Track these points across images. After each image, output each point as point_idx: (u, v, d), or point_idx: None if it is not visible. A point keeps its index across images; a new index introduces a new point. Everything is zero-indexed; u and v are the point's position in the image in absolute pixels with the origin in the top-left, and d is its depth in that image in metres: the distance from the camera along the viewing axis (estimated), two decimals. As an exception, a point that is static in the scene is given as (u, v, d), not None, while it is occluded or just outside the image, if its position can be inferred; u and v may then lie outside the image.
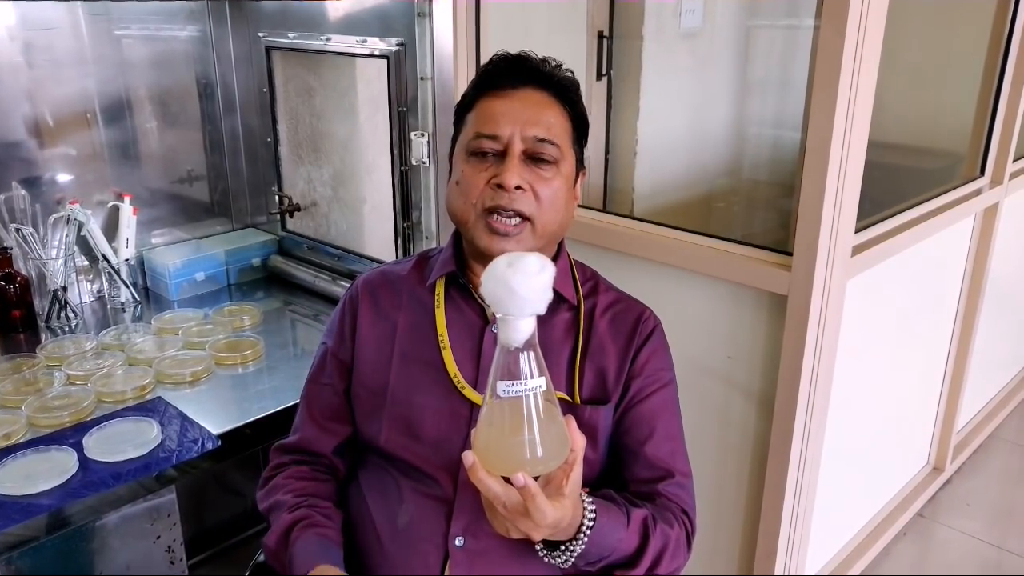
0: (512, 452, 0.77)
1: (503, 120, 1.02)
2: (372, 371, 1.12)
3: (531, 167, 1.02)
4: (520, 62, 1.06)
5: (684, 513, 1.05)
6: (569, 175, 1.06)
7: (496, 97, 1.04)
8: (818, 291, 1.44)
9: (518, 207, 1.01)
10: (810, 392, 1.52)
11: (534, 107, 1.03)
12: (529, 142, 1.01)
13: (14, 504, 1.11)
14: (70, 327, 1.74)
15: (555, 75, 1.06)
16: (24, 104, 1.73)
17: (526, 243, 1.03)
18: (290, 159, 2.00)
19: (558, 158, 1.03)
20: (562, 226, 1.07)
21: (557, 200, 1.03)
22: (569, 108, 1.06)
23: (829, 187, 1.38)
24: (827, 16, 1.31)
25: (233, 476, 2.18)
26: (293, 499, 1.08)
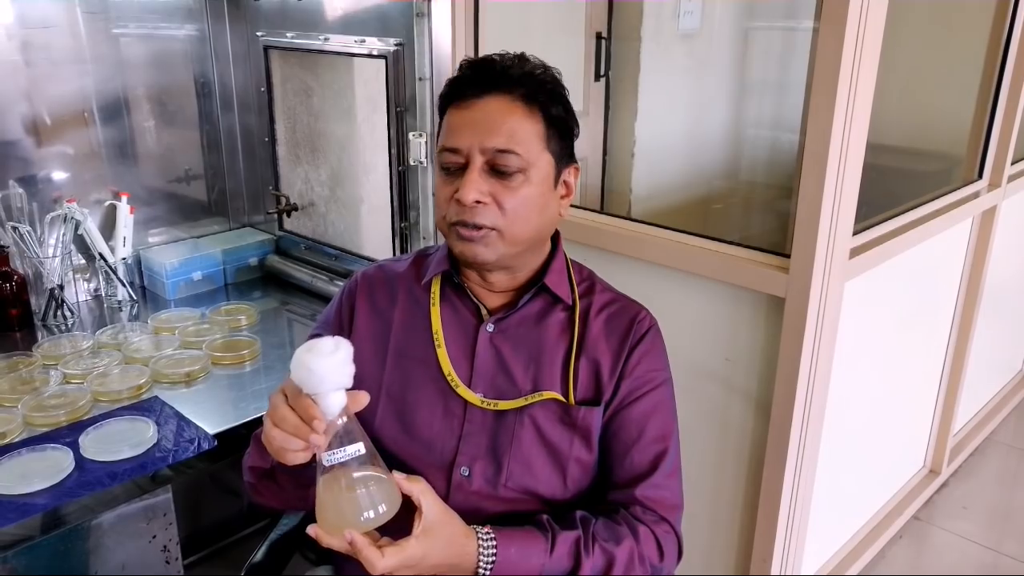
0: (341, 513, 0.88)
1: (463, 133, 1.00)
2: (367, 367, 1.11)
3: (495, 178, 1.00)
4: (482, 70, 1.02)
5: (662, 519, 1.04)
6: (544, 179, 1.02)
7: (459, 108, 1.02)
8: (816, 294, 1.44)
9: (479, 221, 1.00)
10: (807, 394, 1.52)
11: (494, 116, 1.00)
12: (489, 154, 0.99)
13: (10, 503, 1.11)
14: (67, 326, 1.73)
15: (519, 77, 1.02)
16: (21, 102, 1.72)
17: (495, 248, 1.02)
18: (288, 159, 1.99)
19: (523, 167, 0.99)
20: (541, 230, 1.05)
21: (526, 208, 1.01)
22: (541, 109, 1.02)
23: (827, 189, 1.38)
24: (826, 18, 1.31)
25: (229, 476, 2.17)
26: None
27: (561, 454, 1.06)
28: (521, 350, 1.08)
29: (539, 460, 1.05)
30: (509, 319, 1.09)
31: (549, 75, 1.04)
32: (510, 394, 1.07)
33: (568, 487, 1.06)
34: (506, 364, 1.08)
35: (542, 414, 1.06)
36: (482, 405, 1.06)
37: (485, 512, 1.05)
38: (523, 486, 1.05)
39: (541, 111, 1.01)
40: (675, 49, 2.29)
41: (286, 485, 1.05)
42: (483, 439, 1.06)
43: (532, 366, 1.07)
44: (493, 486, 1.05)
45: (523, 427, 1.05)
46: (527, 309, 1.09)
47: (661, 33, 2.21)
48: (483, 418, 1.06)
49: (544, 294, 1.10)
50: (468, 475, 1.05)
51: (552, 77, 1.05)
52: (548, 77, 1.04)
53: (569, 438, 1.06)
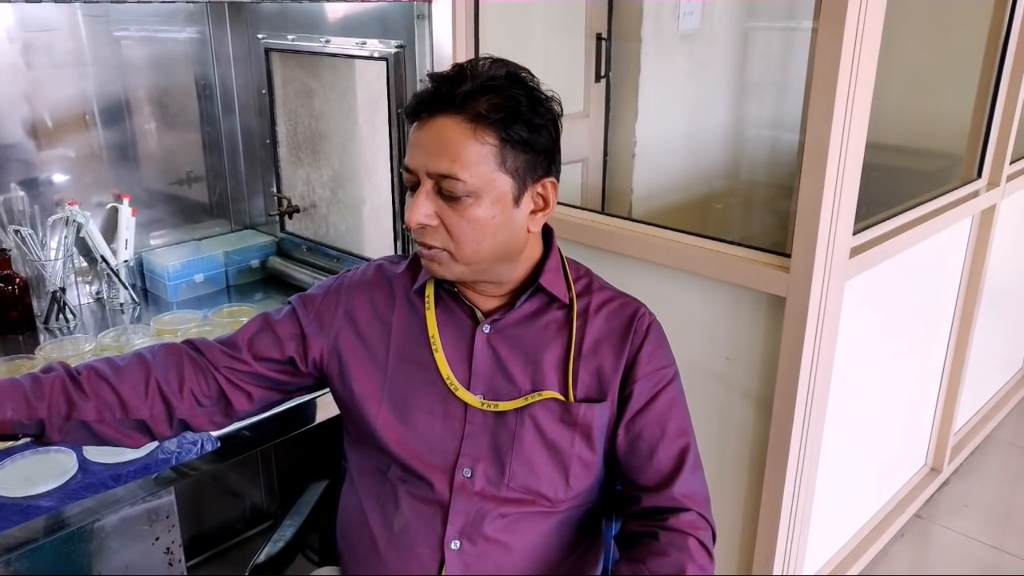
0: None
1: (415, 153, 1.00)
2: (368, 371, 1.12)
3: (444, 200, 0.99)
4: (438, 89, 0.99)
5: (700, 516, 1.04)
6: (499, 199, 0.99)
7: (416, 127, 1.01)
8: (816, 293, 1.44)
9: (428, 241, 1.01)
10: (808, 393, 1.52)
11: (441, 139, 0.97)
12: (435, 177, 0.98)
13: (13, 505, 1.11)
14: (69, 328, 1.74)
15: (475, 98, 0.97)
16: (23, 105, 1.73)
17: (450, 268, 1.02)
18: (289, 160, 2.00)
19: (469, 191, 0.97)
20: (502, 247, 1.03)
21: (475, 230, 0.99)
22: (496, 131, 0.97)
23: (827, 189, 1.38)
24: (825, 18, 1.32)
25: (232, 478, 2.18)
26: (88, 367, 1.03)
27: (562, 453, 1.06)
28: (518, 350, 1.08)
29: (541, 459, 1.06)
30: (505, 319, 1.09)
31: (511, 93, 0.99)
32: (509, 395, 1.07)
33: (571, 486, 1.07)
34: (504, 365, 1.08)
35: (542, 414, 1.06)
36: (482, 407, 1.06)
37: (488, 513, 1.05)
38: (526, 486, 1.06)
39: (496, 132, 0.97)
40: (675, 50, 2.29)
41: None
42: (484, 440, 1.06)
43: (530, 366, 1.08)
44: (496, 487, 1.05)
45: (524, 427, 1.05)
46: (523, 309, 1.09)
47: (661, 34, 2.22)
48: (483, 419, 1.07)
49: (540, 294, 1.09)
50: (471, 476, 1.06)
51: (512, 96, 0.98)
52: (508, 95, 0.98)
53: (570, 436, 1.06)
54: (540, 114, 1.01)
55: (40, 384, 0.98)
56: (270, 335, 1.12)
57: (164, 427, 1.06)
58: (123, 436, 1.05)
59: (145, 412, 1.04)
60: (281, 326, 1.13)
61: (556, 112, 1.05)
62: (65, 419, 0.99)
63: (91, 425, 1.01)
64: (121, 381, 1.03)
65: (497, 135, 0.97)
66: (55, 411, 0.98)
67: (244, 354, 1.11)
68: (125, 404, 1.02)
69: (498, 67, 1.02)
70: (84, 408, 1.00)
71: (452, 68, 1.02)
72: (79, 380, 1.01)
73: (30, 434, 0.99)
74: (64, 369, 1.02)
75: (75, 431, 1.01)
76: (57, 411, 0.98)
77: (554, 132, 1.03)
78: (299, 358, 1.12)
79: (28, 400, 0.97)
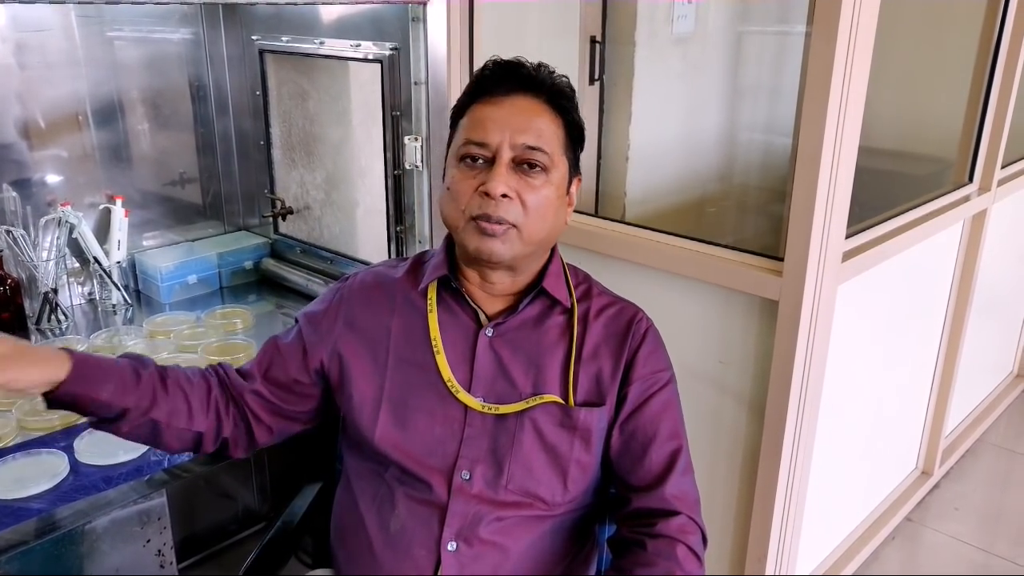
0: None
1: (492, 127, 1.02)
2: (368, 374, 1.12)
3: (520, 175, 1.02)
4: (512, 69, 1.05)
5: (690, 519, 1.04)
6: (560, 183, 1.06)
7: (487, 104, 1.04)
8: (809, 296, 1.45)
9: (504, 214, 1.01)
10: (801, 396, 1.53)
11: (524, 114, 1.03)
12: (518, 149, 1.02)
13: (4, 508, 1.11)
14: (61, 329, 1.73)
15: (548, 81, 1.06)
16: (15, 106, 1.72)
17: (513, 246, 1.03)
18: (283, 162, 1.99)
19: (548, 165, 1.03)
20: (551, 233, 1.08)
21: (545, 208, 1.03)
22: (562, 115, 1.06)
23: (820, 193, 1.39)
24: (818, 23, 1.32)
25: (223, 480, 2.17)
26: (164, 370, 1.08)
27: (561, 456, 1.06)
28: (520, 354, 1.09)
29: (539, 463, 1.06)
30: (508, 323, 1.10)
31: (568, 84, 1.08)
32: (510, 398, 1.07)
33: (568, 489, 1.07)
34: (506, 368, 1.08)
35: (542, 417, 1.06)
36: (482, 409, 1.07)
37: (485, 515, 1.05)
38: (524, 489, 1.06)
39: (563, 117, 1.05)
40: (669, 53, 2.30)
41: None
42: (483, 443, 1.06)
43: (532, 369, 1.08)
44: (494, 489, 1.05)
45: (523, 430, 1.06)
46: (526, 312, 1.10)
47: (655, 37, 2.22)
48: (483, 422, 1.07)
49: (542, 297, 1.10)
50: (469, 479, 1.06)
51: (570, 86, 1.08)
52: (567, 86, 1.08)
53: (569, 440, 1.06)
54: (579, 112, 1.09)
55: (139, 377, 1.02)
56: (279, 359, 1.14)
57: (212, 443, 1.10)
58: (176, 442, 1.07)
59: (203, 425, 1.08)
60: (287, 347, 1.15)
61: None
62: (143, 414, 1.02)
63: (159, 425, 1.04)
64: (193, 391, 1.07)
65: (562, 119, 1.06)
66: (141, 405, 1.01)
67: (259, 383, 1.13)
68: (192, 414, 1.06)
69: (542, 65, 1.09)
70: (161, 408, 1.03)
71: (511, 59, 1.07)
72: (166, 381, 1.05)
73: (105, 418, 1.01)
74: (155, 367, 1.06)
75: (143, 427, 1.03)
76: (141, 405, 1.01)
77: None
78: (304, 373, 1.13)
79: (127, 388, 1.00)
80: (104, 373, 0.99)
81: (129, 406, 1.00)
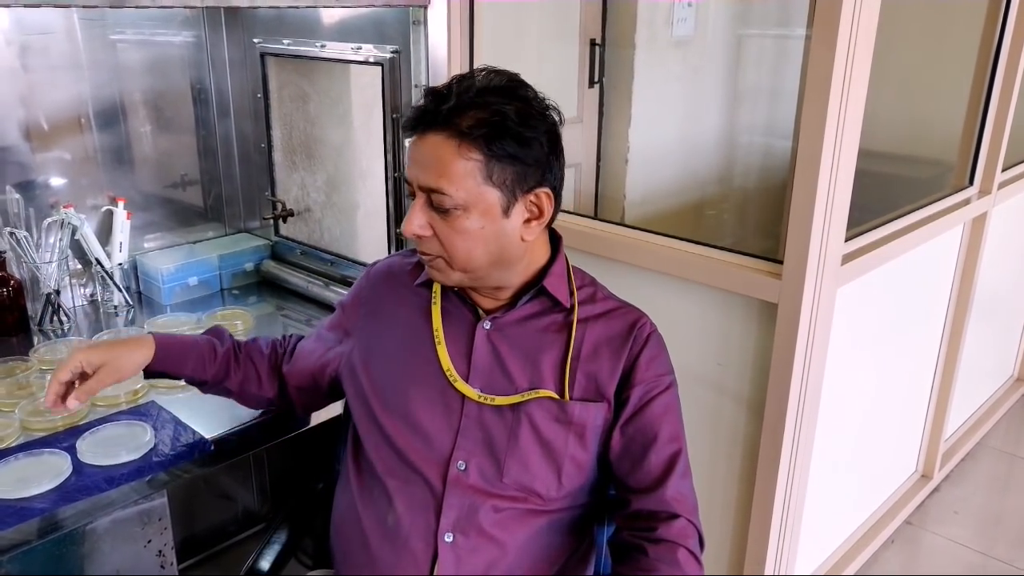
0: None
1: (411, 166, 1.04)
2: (375, 360, 1.16)
3: (436, 211, 1.03)
4: (427, 104, 1.02)
5: (689, 522, 1.05)
6: (487, 211, 1.01)
7: (413, 141, 1.05)
8: (808, 299, 1.45)
9: (424, 249, 1.06)
10: (800, 399, 1.53)
11: (430, 155, 1.01)
12: (426, 190, 1.02)
13: (7, 507, 1.11)
14: (63, 331, 1.74)
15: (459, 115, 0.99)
16: (19, 108, 1.73)
17: (448, 275, 1.07)
18: (284, 164, 2.00)
19: (457, 204, 1.00)
20: (496, 255, 1.05)
21: (465, 240, 1.02)
22: (480, 147, 0.99)
23: (820, 196, 1.39)
24: (818, 26, 1.33)
25: (224, 480, 2.17)
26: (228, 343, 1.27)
27: (556, 451, 1.07)
28: (517, 349, 1.10)
29: (535, 457, 1.07)
30: (506, 317, 1.12)
31: (497, 108, 1.00)
32: (507, 390, 1.09)
33: (563, 484, 1.08)
34: (503, 361, 1.10)
35: (538, 412, 1.07)
36: (479, 399, 1.08)
37: (481, 506, 1.06)
38: (519, 482, 1.07)
39: (480, 148, 0.99)
40: (669, 56, 2.31)
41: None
42: (479, 434, 1.08)
43: (528, 365, 1.10)
44: (490, 482, 1.07)
45: (520, 424, 1.07)
46: (524, 309, 1.12)
47: (655, 40, 2.23)
48: (479, 413, 1.08)
49: (543, 296, 1.12)
50: (465, 469, 1.07)
51: (499, 111, 1.00)
52: (494, 110, 1.00)
53: (564, 435, 1.07)
54: (532, 126, 1.02)
55: (215, 351, 1.24)
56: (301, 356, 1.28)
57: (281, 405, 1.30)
58: (252, 403, 1.30)
59: (271, 391, 1.28)
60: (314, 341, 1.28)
61: (553, 122, 1.06)
62: (219, 383, 1.25)
63: (233, 392, 1.27)
64: (262, 363, 1.28)
65: (481, 151, 1.00)
66: (217, 376, 1.24)
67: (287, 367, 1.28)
68: (261, 383, 1.27)
69: (493, 79, 1.04)
70: (234, 379, 1.25)
71: (446, 83, 1.04)
72: (239, 356, 1.26)
73: (191, 383, 1.25)
74: (232, 342, 1.27)
75: (221, 392, 1.27)
76: (217, 377, 1.24)
77: (548, 143, 1.04)
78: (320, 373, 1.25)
79: (205, 363, 1.23)
80: (184, 352, 1.21)
81: (207, 379, 1.23)
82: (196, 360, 1.21)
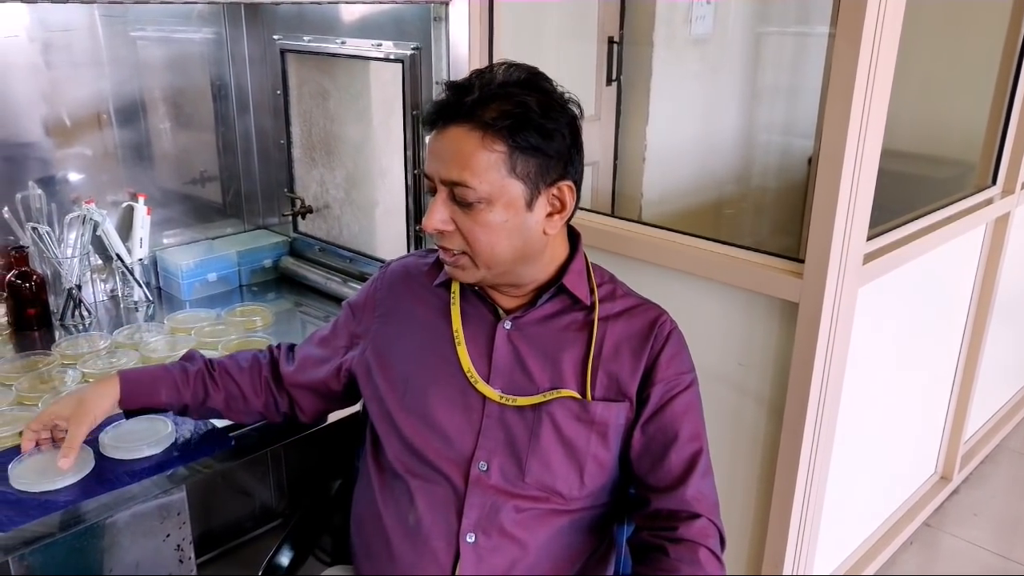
0: None
1: (432, 160, 1.03)
2: (394, 363, 1.15)
3: (458, 205, 1.02)
4: (447, 98, 1.02)
5: (710, 522, 1.04)
6: (510, 203, 1.01)
7: (432, 135, 1.04)
8: (829, 298, 1.44)
9: (446, 245, 1.05)
10: (820, 399, 1.52)
11: (453, 147, 1.00)
12: (448, 184, 1.01)
13: (32, 500, 1.12)
14: (84, 326, 1.75)
15: (483, 107, 0.99)
16: (42, 105, 1.74)
17: (471, 271, 1.06)
18: (303, 161, 2.01)
19: (480, 197, 1.00)
20: (519, 250, 1.04)
21: (488, 234, 1.02)
22: (504, 138, 0.99)
23: (842, 195, 1.38)
24: (842, 24, 1.32)
25: (241, 476, 2.18)
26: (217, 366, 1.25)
27: (578, 451, 1.07)
28: (538, 348, 1.10)
29: (557, 457, 1.07)
30: (526, 317, 1.11)
31: (520, 99, 1.00)
32: (528, 391, 1.08)
33: (585, 484, 1.08)
34: (523, 361, 1.09)
35: (560, 412, 1.07)
36: (500, 400, 1.08)
37: (503, 506, 1.06)
38: (541, 482, 1.06)
39: (504, 139, 0.99)
40: (687, 54, 2.30)
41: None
42: (500, 434, 1.07)
43: (549, 364, 1.09)
44: (512, 483, 1.06)
45: (541, 424, 1.06)
46: (545, 308, 1.11)
47: (673, 38, 2.22)
48: (501, 413, 1.08)
49: (563, 295, 1.11)
50: (486, 470, 1.07)
51: (522, 102, 0.99)
52: (517, 102, 0.99)
53: (586, 435, 1.07)
54: (553, 118, 1.02)
55: (187, 374, 1.21)
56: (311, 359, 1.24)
57: (275, 417, 1.27)
58: (245, 418, 1.27)
59: (259, 405, 1.25)
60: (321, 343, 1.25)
61: (573, 115, 1.05)
62: (201, 404, 1.21)
63: (220, 410, 1.24)
64: (243, 377, 1.24)
65: (505, 142, 0.99)
66: (196, 398, 1.21)
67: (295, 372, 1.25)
68: (246, 398, 1.24)
69: (513, 72, 1.03)
70: (215, 398, 1.22)
71: (466, 76, 1.04)
72: (214, 374, 1.23)
73: (175, 412, 1.23)
74: (203, 362, 1.24)
75: (208, 413, 1.24)
76: (196, 398, 1.21)
77: (569, 135, 1.04)
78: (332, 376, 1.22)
79: (178, 387, 1.20)
80: (154, 381, 1.19)
81: (186, 402, 1.20)
82: (168, 386, 1.19)
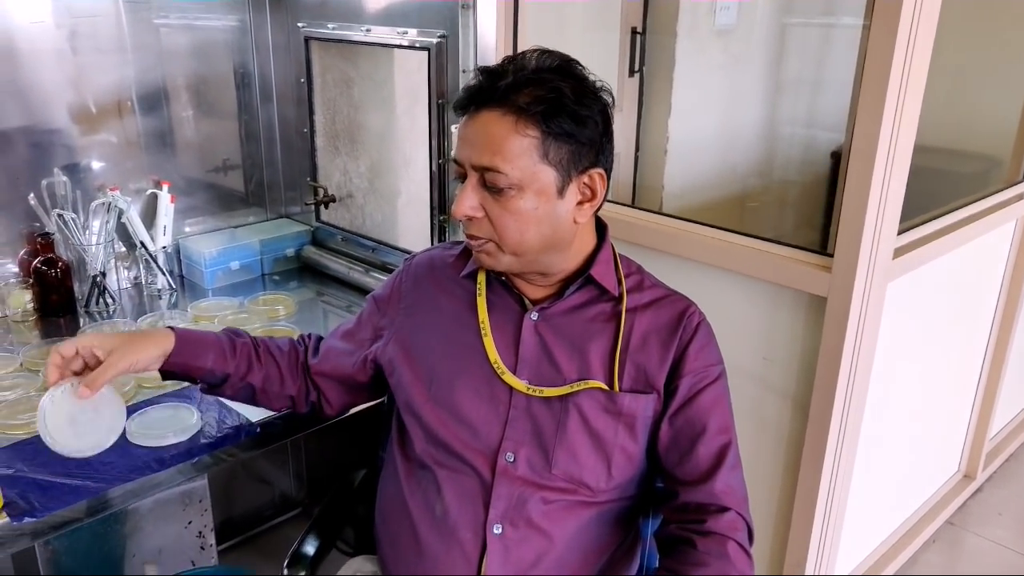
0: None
1: (462, 146, 1.02)
2: (420, 356, 1.14)
3: (488, 192, 1.01)
4: (480, 83, 1.01)
5: (739, 515, 1.04)
6: (542, 190, 1.00)
7: (463, 120, 1.03)
8: (858, 293, 1.42)
9: (474, 232, 1.04)
10: (846, 395, 1.50)
11: (484, 132, 0.99)
12: (479, 170, 1.00)
13: (63, 486, 1.13)
14: (108, 313, 1.76)
15: (517, 91, 0.98)
16: (68, 91, 1.75)
17: (498, 258, 1.05)
18: (326, 150, 2.00)
19: (511, 183, 0.99)
20: (548, 238, 1.04)
21: (518, 221, 1.01)
22: (538, 124, 0.98)
23: (874, 188, 1.36)
24: (878, 16, 1.29)
25: (261, 464, 2.19)
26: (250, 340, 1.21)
27: (606, 443, 1.06)
28: (565, 339, 1.09)
29: (584, 448, 1.06)
30: (553, 308, 1.10)
31: (555, 85, 0.99)
32: (555, 382, 1.08)
33: (612, 476, 1.07)
34: (550, 352, 1.09)
35: (587, 403, 1.06)
36: (527, 391, 1.07)
37: (530, 498, 1.05)
38: (568, 474, 1.06)
39: (538, 125, 0.98)
40: (711, 45, 2.27)
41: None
42: (527, 425, 1.07)
43: (576, 355, 1.08)
44: (539, 474, 1.06)
45: (569, 415, 1.06)
46: (572, 299, 1.10)
47: (697, 29, 2.20)
48: (528, 405, 1.07)
49: (590, 285, 1.10)
50: (513, 461, 1.06)
51: (556, 88, 0.99)
52: (551, 87, 0.99)
53: (614, 427, 1.06)
54: (586, 105, 1.01)
55: (235, 345, 1.18)
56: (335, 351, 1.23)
57: (303, 406, 1.24)
58: (275, 403, 1.23)
59: (294, 390, 1.22)
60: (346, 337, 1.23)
61: (606, 103, 1.05)
62: (241, 379, 1.18)
63: (256, 389, 1.20)
64: (283, 360, 1.22)
65: (539, 127, 0.98)
66: (239, 370, 1.17)
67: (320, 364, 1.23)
68: (284, 380, 1.21)
69: (546, 59, 1.02)
70: (256, 374, 1.19)
71: (499, 62, 1.03)
72: (259, 351, 1.20)
73: (210, 383, 1.17)
74: (250, 337, 1.21)
75: (244, 391, 1.19)
76: (239, 371, 1.17)
77: (602, 123, 1.03)
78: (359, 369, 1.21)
79: (225, 356, 1.16)
80: (204, 344, 1.15)
81: (229, 372, 1.16)
82: (217, 353, 1.15)
